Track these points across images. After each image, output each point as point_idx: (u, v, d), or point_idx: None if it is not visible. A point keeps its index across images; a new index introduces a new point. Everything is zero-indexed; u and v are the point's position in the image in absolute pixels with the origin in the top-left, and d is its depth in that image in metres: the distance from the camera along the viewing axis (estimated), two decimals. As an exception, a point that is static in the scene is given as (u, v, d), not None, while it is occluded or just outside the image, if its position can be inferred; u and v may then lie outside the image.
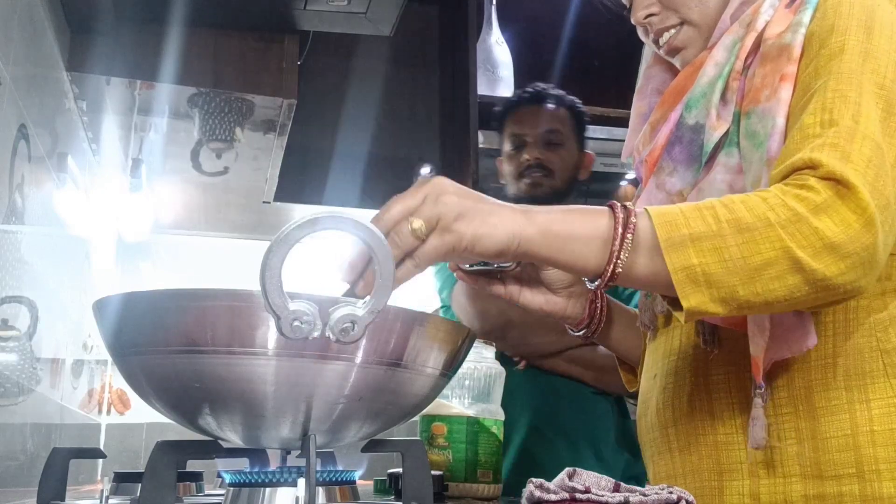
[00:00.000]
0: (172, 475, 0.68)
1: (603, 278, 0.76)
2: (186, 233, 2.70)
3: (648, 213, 0.75)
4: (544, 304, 1.00)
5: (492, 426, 1.04)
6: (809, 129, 0.77)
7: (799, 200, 0.72)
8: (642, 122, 1.02)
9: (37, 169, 1.40)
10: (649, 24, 0.98)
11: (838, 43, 0.81)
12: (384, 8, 1.70)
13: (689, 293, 0.72)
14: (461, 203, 0.74)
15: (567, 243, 0.75)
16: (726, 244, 0.71)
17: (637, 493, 0.66)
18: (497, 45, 2.59)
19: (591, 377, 1.59)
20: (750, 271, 0.71)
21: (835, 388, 0.82)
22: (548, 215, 0.76)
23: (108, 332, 0.72)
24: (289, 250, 0.63)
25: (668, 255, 0.72)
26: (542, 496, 0.65)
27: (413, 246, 0.72)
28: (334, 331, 0.64)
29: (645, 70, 1.07)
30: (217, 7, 1.71)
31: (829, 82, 0.79)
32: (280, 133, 1.99)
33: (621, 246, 0.74)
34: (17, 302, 1.33)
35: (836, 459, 0.81)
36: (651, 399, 0.98)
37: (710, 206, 0.74)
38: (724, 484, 0.87)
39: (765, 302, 0.73)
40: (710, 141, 0.87)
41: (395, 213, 0.73)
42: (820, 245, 0.70)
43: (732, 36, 0.90)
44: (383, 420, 0.75)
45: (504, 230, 0.74)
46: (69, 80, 1.67)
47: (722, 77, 0.88)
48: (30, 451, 1.44)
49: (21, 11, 1.28)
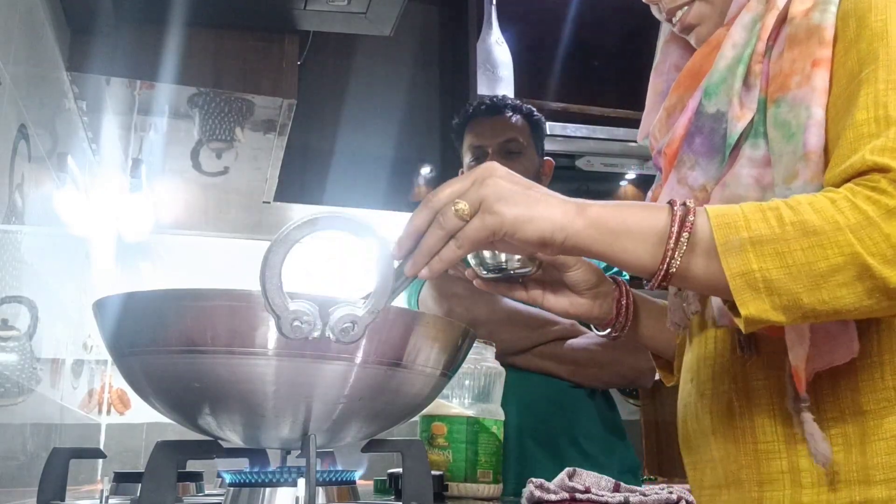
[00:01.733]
0: (172, 475, 0.68)
1: (656, 278, 0.73)
2: (186, 233, 2.69)
3: (707, 212, 0.71)
4: (569, 306, 0.98)
5: (492, 426, 1.04)
6: (863, 126, 0.72)
7: (871, 203, 0.67)
8: (660, 99, 0.97)
9: (37, 169, 1.40)
10: (661, 2, 0.94)
11: (880, 22, 0.75)
12: (384, 8, 1.70)
13: (748, 300, 0.68)
14: (508, 187, 0.73)
15: (619, 239, 0.73)
16: (790, 248, 0.67)
17: (637, 492, 0.66)
18: (497, 45, 2.59)
19: (567, 371, 1.60)
20: (815, 277, 0.67)
21: (882, 389, 0.78)
22: (601, 209, 0.74)
23: (108, 332, 0.72)
24: (289, 250, 0.63)
25: (725, 259, 0.69)
26: (542, 496, 0.66)
27: (457, 227, 0.72)
28: (334, 331, 0.64)
29: (662, 46, 1.01)
30: (217, 7, 1.70)
31: (879, 71, 0.73)
32: (280, 133, 1.99)
33: (676, 245, 0.71)
34: (17, 302, 1.33)
35: (886, 463, 0.76)
36: (690, 405, 0.93)
37: (775, 207, 0.70)
38: (763, 495, 0.83)
39: (833, 310, 0.68)
40: (733, 132, 0.82)
41: (444, 196, 0.73)
42: (891, 253, 0.66)
43: (751, 14, 0.85)
44: (383, 420, 0.75)
45: (550, 219, 0.72)
46: (69, 80, 1.67)
47: (743, 60, 0.83)
48: (30, 451, 1.44)
49: (21, 11, 1.28)
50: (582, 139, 2.48)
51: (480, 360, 1.06)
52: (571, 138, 2.48)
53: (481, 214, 0.72)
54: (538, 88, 2.61)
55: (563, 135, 2.46)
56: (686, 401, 0.95)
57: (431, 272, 0.73)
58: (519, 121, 1.80)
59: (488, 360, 1.07)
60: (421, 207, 0.74)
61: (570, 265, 0.96)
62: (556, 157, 2.40)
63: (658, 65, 1.01)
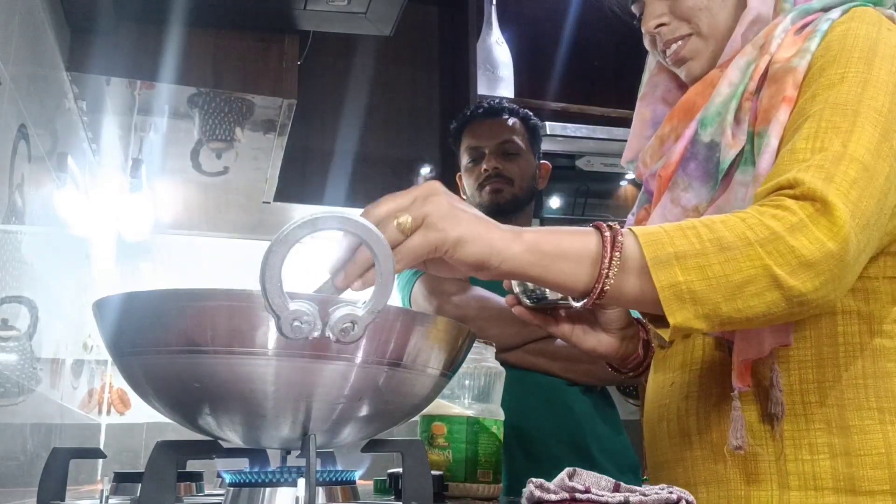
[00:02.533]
0: (172, 475, 0.68)
1: (591, 297, 0.77)
2: (186, 233, 2.70)
3: (634, 232, 0.77)
4: (597, 344, 1.02)
5: (492, 426, 1.04)
6: (800, 153, 0.80)
7: (776, 220, 0.74)
8: (645, 127, 1.04)
9: (37, 169, 1.40)
10: (659, 34, 1.00)
11: (838, 74, 0.83)
12: (384, 8, 1.70)
13: (676, 310, 0.74)
14: (451, 206, 0.74)
15: (555, 262, 0.77)
16: (709, 262, 0.74)
17: (637, 492, 0.66)
18: (497, 45, 2.58)
19: (560, 368, 1.60)
20: (732, 288, 0.73)
21: (867, 409, 0.85)
22: (536, 234, 0.77)
23: (108, 332, 0.72)
24: (289, 250, 0.63)
25: (655, 273, 0.74)
26: (542, 496, 0.66)
27: (397, 241, 0.72)
28: (334, 331, 0.64)
29: (649, 79, 1.09)
30: (217, 7, 1.71)
31: (825, 111, 0.81)
32: (280, 133, 1.99)
33: (610, 264, 0.76)
34: (17, 302, 1.33)
35: (871, 476, 0.83)
36: (671, 406, 0.98)
37: (692, 226, 0.76)
38: (751, 493, 0.88)
39: (745, 318, 0.75)
40: (725, 159, 0.89)
41: (384, 210, 0.73)
42: (796, 263, 0.73)
43: (746, 57, 0.92)
44: (383, 420, 0.75)
45: (488, 241, 0.74)
46: (69, 80, 1.67)
47: (736, 97, 0.91)
48: (30, 451, 1.44)
49: (21, 11, 1.28)
50: (582, 139, 2.48)
51: (480, 360, 1.06)
52: (571, 138, 2.48)
53: (425, 230, 0.72)
54: (538, 88, 2.61)
55: (563, 135, 2.46)
56: (664, 402, 1.00)
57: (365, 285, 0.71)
58: (516, 124, 1.82)
59: (488, 360, 1.07)
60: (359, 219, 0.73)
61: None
62: (556, 157, 2.40)
63: (645, 95, 1.08)
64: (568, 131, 2.47)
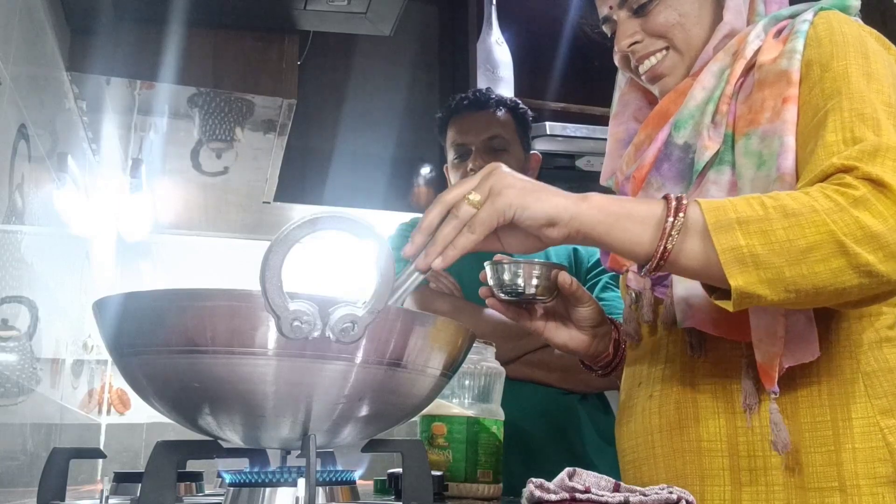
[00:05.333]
0: (172, 475, 0.68)
1: (654, 258, 0.78)
2: (186, 233, 2.70)
3: (698, 202, 0.78)
4: (569, 340, 1.04)
5: (492, 426, 1.04)
6: (833, 146, 0.81)
7: (839, 194, 0.75)
8: (620, 147, 1.07)
9: (37, 169, 1.40)
10: (632, 52, 1.02)
11: (841, 67, 0.85)
12: (384, 8, 1.70)
13: (737, 273, 0.74)
14: (512, 176, 0.80)
15: (621, 221, 0.79)
16: (772, 227, 0.74)
17: (637, 492, 0.66)
18: (497, 45, 2.58)
19: (557, 378, 1.58)
20: (796, 253, 0.73)
21: (819, 406, 0.87)
22: (602, 197, 0.80)
23: (108, 332, 0.72)
24: (289, 250, 0.63)
25: (715, 237, 0.75)
26: (542, 496, 0.66)
27: (470, 215, 0.78)
28: (334, 331, 0.64)
29: (620, 97, 1.11)
30: (217, 7, 1.70)
31: (843, 102, 0.83)
32: (280, 133, 1.99)
33: (674, 224, 0.77)
34: (17, 302, 1.33)
35: (820, 473, 0.85)
36: (636, 406, 1.00)
37: (757, 197, 0.77)
38: (705, 489, 0.90)
39: (812, 286, 0.74)
40: (701, 159, 0.91)
41: (455, 193, 0.80)
42: (861, 234, 0.73)
43: (719, 64, 0.95)
44: (383, 420, 0.75)
45: (553, 201, 0.79)
46: (69, 80, 1.67)
47: (713, 100, 0.93)
48: (30, 451, 1.44)
49: (21, 11, 1.28)
50: (582, 139, 2.48)
51: (480, 360, 1.06)
52: (571, 138, 2.47)
53: (491, 200, 0.78)
54: (538, 88, 2.61)
55: (563, 135, 2.45)
56: (630, 403, 1.02)
57: (445, 261, 0.78)
58: (503, 115, 1.73)
59: (488, 360, 1.07)
60: (433, 205, 0.80)
61: (584, 301, 1.03)
62: (556, 158, 2.40)
63: (617, 114, 1.10)
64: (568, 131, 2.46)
